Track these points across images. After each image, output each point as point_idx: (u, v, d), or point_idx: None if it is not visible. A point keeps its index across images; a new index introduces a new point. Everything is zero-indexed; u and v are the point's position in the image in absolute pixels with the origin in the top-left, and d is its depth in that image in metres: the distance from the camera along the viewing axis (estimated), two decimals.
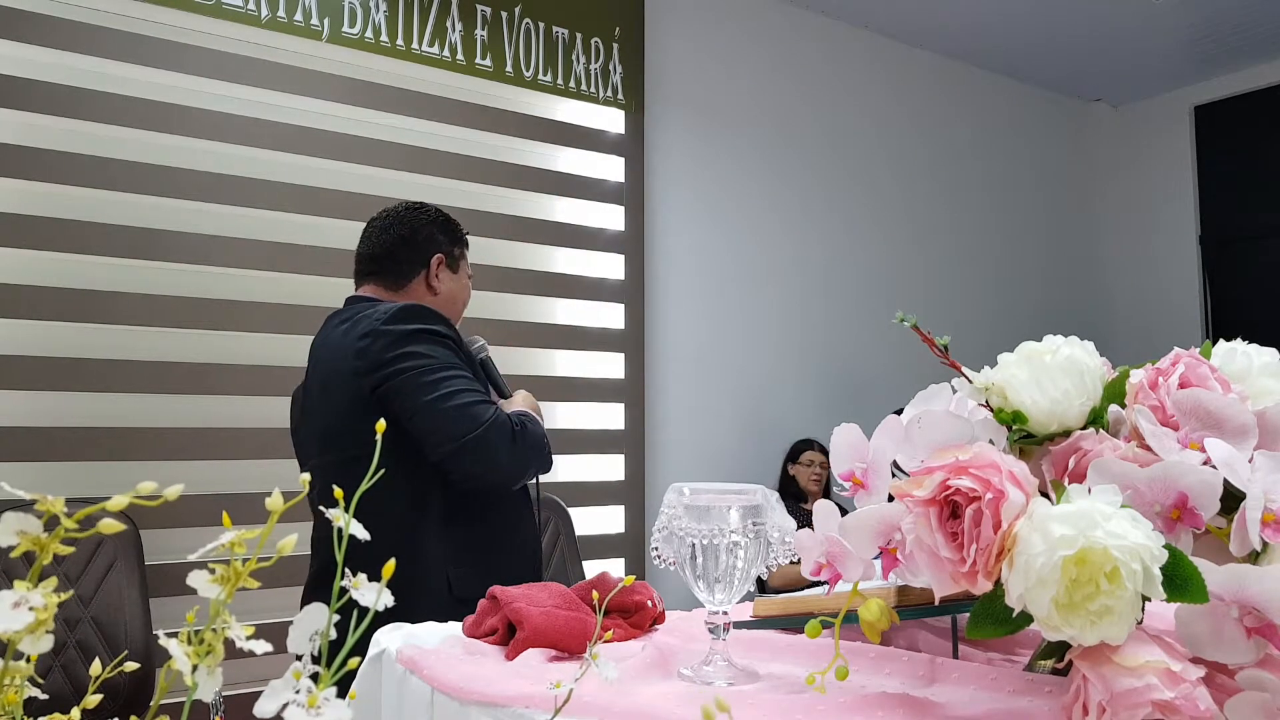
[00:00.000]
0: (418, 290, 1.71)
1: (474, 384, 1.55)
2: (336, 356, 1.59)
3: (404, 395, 1.51)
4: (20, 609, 0.35)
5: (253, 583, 0.41)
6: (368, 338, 1.54)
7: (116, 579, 2.18)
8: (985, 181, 4.60)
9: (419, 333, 1.54)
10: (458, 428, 1.48)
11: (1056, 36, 4.29)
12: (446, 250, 1.74)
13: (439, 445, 1.50)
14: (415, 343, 1.52)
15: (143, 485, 0.37)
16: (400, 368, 1.51)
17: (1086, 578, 0.60)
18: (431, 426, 1.50)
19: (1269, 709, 0.61)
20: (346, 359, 1.55)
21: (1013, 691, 0.75)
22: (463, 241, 1.79)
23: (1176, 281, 4.81)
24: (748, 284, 3.74)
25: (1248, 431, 0.70)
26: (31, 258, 2.35)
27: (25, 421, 2.31)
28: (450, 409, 1.49)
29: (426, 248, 1.72)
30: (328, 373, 1.61)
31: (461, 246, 1.78)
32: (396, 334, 1.52)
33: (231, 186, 2.60)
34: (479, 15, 3.07)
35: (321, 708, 0.38)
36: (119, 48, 2.47)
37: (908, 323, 0.81)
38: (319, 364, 1.66)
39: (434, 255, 1.72)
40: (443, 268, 1.73)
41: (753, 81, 3.82)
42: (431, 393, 1.50)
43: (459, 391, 1.50)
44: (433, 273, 1.71)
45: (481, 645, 1.03)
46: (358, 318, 1.59)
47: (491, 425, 1.49)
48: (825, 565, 0.79)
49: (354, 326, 1.58)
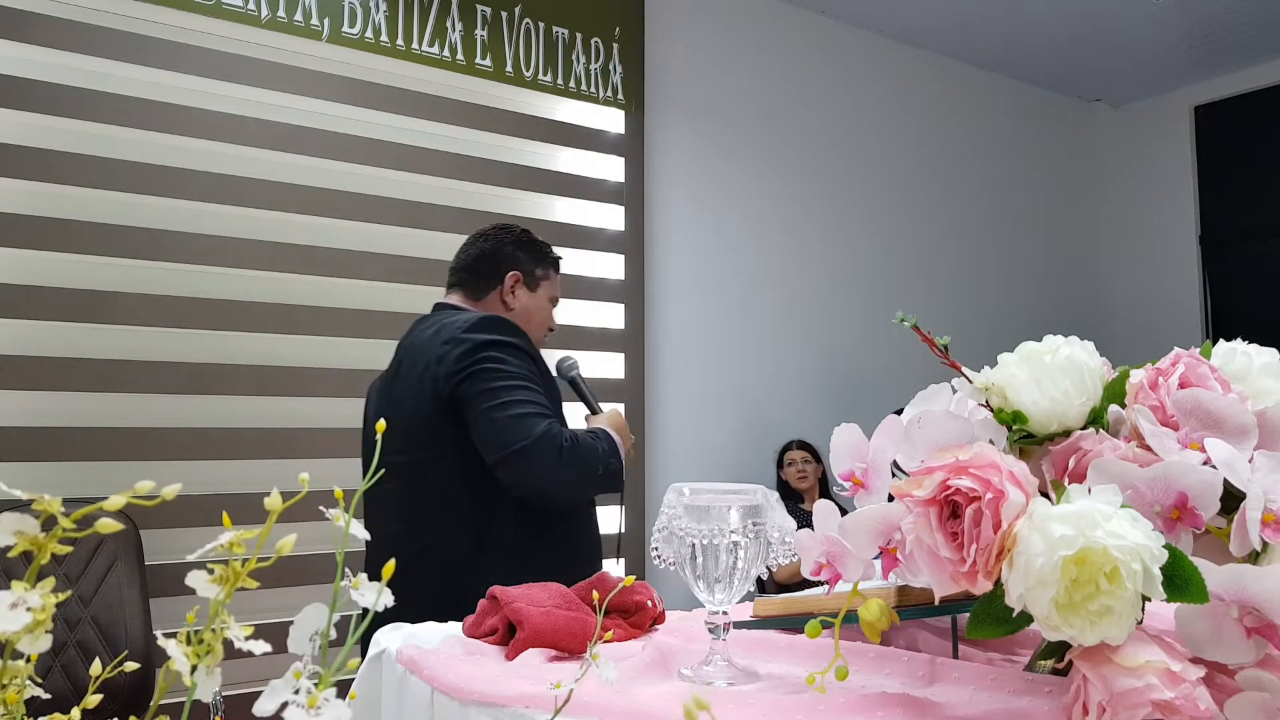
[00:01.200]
0: (493, 304, 1.79)
1: (537, 396, 1.58)
2: (421, 359, 1.66)
3: (470, 401, 1.57)
4: (18, 609, 0.35)
5: (252, 583, 0.41)
6: (448, 344, 1.61)
7: (116, 579, 2.18)
8: (985, 181, 4.60)
9: (494, 343, 1.60)
10: (506, 436, 1.53)
11: (1056, 36, 4.29)
12: (525, 269, 1.82)
13: (489, 452, 1.55)
14: (489, 350, 1.59)
15: (140, 485, 0.37)
16: (471, 373, 1.57)
17: (1086, 578, 0.60)
18: (485, 433, 1.55)
19: (1269, 709, 0.61)
20: (430, 363, 1.63)
21: (1013, 691, 0.75)
22: (547, 263, 1.86)
23: (1176, 281, 4.81)
24: (748, 284, 3.74)
25: (1248, 431, 0.70)
26: (32, 258, 2.35)
27: (25, 421, 2.31)
28: (503, 417, 1.54)
29: (504, 264, 1.80)
30: (414, 374, 1.67)
31: (546, 268, 1.85)
32: (473, 342, 1.60)
33: (231, 186, 2.60)
34: (479, 15, 3.07)
35: (321, 708, 0.38)
36: (119, 48, 2.47)
37: (908, 323, 0.81)
38: (406, 364, 1.72)
39: (510, 272, 1.80)
40: (519, 285, 1.81)
41: (753, 81, 3.82)
42: (491, 400, 1.55)
43: (516, 402, 1.55)
44: (507, 289, 1.80)
45: (481, 645, 1.03)
46: (444, 324, 1.68)
47: (540, 438, 1.52)
48: (825, 565, 0.79)
49: (439, 332, 1.66)
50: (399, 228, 2.86)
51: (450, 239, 2.97)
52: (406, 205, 2.88)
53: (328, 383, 2.70)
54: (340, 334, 2.74)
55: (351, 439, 2.67)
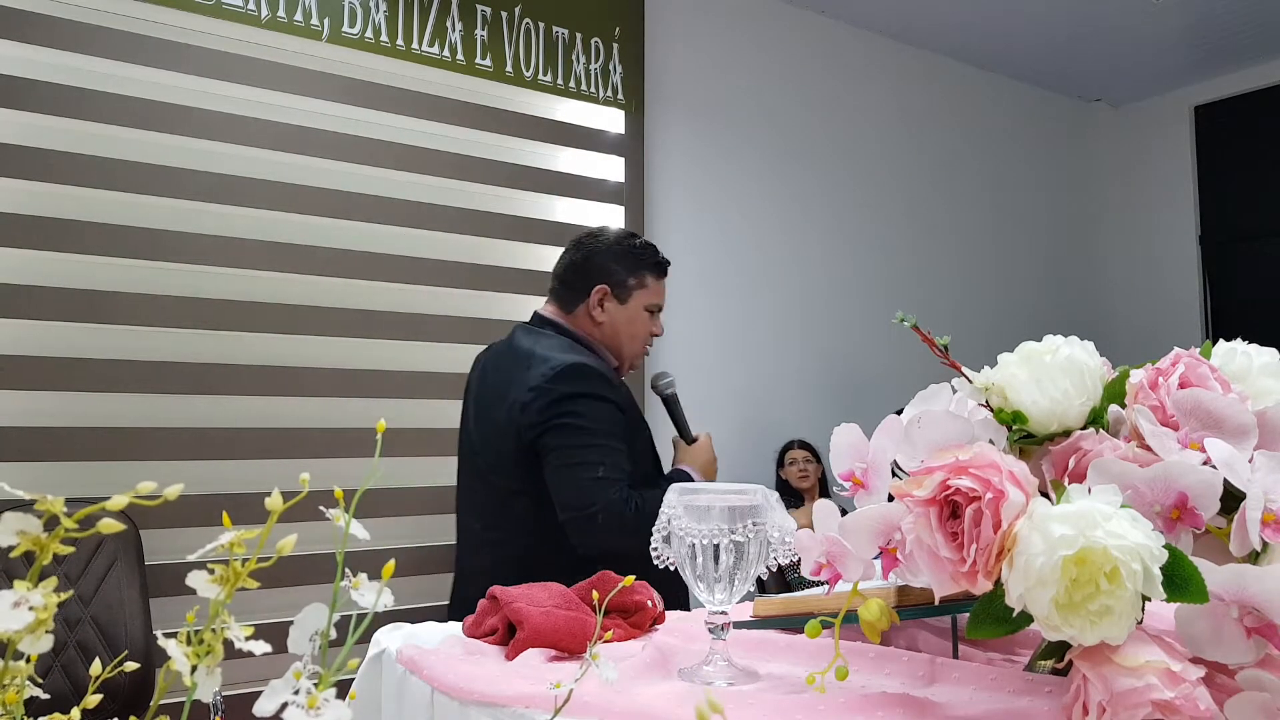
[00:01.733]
0: (582, 318, 1.76)
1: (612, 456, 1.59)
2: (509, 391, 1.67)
3: (548, 455, 1.60)
4: (20, 609, 0.35)
5: (252, 583, 0.41)
6: (533, 391, 1.62)
7: (116, 579, 2.18)
8: (985, 181, 4.60)
9: (577, 396, 1.60)
10: (574, 499, 1.56)
11: (1056, 36, 4.29)
12: (618, 281, 1.76)
13: (560, 510, 1.58)
14: (572, 404, 1.60)
15: (142, 485, 0.37)
16: (552, 426, 1.59)
17: (1086, 578, 0.60)
18: (556, 491, 1.58)
19: (1269, 709, 0.61)
20: (514, 406, 1.64)
21: (1013, 691, 0.75)
22: (643, 269, 1.78)
23: (1176, 281, 4.81)
24: (747, 284, 3.74)
25: (1248, 431, 0.70)
26: (32, 258, 2.35)
27: (25, 421, 2.31)
28: (574, 479, 1.56)
29: (594, 277, 1.76)
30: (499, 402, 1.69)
31: (641, 274, 1.78)
32: (556, 395, 1.60)
33: (231, 186, 2.60)
34: (479, 15, 3.07)
35: (321, 708, 0.38)
36: (119, 48, 2.47)
37: (908, 323, 0.81)
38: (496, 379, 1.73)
39: (597, 285, 1.75)
40: (608, 299, 1.76)
41: (753, 81, 3.82)
42: (567, 459, 1.58)
43: (590, 464, 1.57)
44: (594, 303, 1.75)
45: (481, 645, 1.03)
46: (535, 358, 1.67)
47: (605, 507, 1.54)
48: (825, 565, 0.79)
49: (530, 370, 1.66)
50: (399, 228, 2.86)
51: (450, 239, 2.99)
52: (406, 205, 2.88)
53: (328, 383, 2.70)
54: (340, 334, 2.74)
55: (351, 439, 2.68)
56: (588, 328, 1.75)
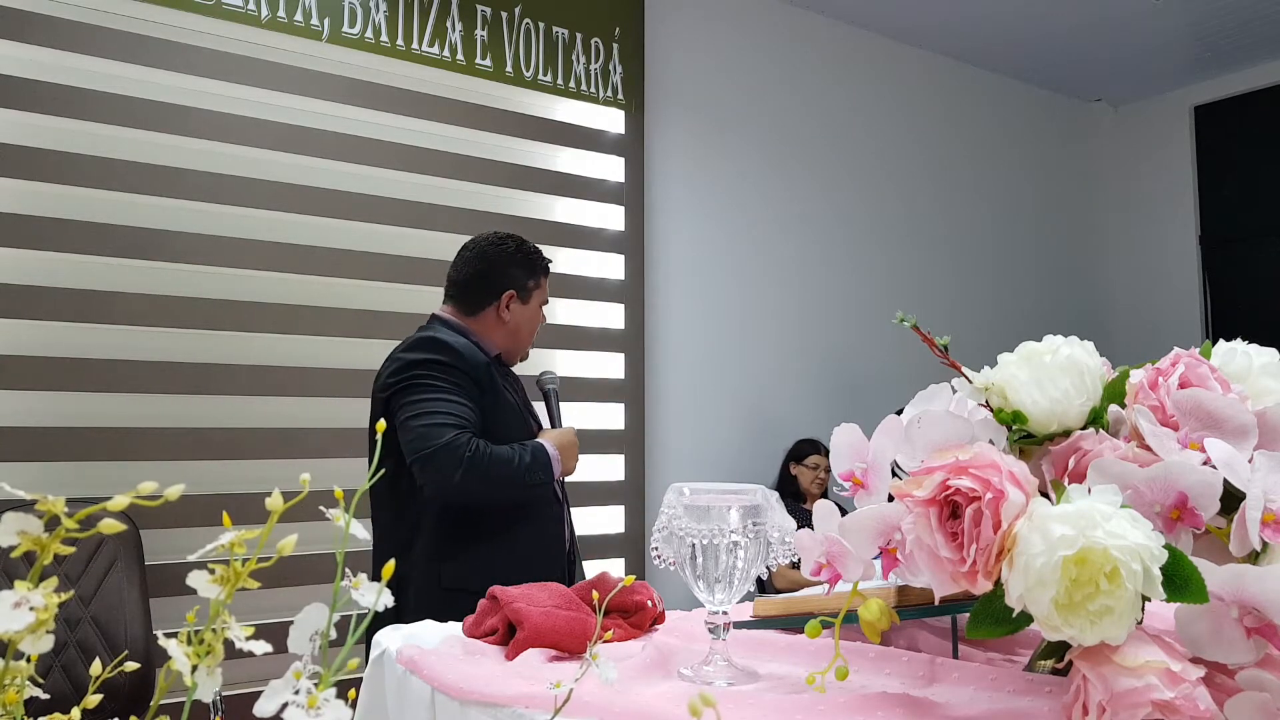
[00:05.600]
0: (488, 319, 1.89)
1: (456, 409, 1.71)
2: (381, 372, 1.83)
3: (397, 413, 1.72)
4: (21, 609, 0.35)
5: (252, 583, 0.41)
6: (387, 362, 1.80)
7: (116, 579, 2.18)
8: (985, 181, 4.60)
9: (423, 361, 1.74)
10: (416, 443, 1.67)
11: (1056, 36, 4.29)
12: (520, 285, 1.90)
13: (406, 456, 1.69)
14: (417, 368, 1.73)
15: (143, 485, 0.37)
16: (400, 387, 1.73)
17: (1086, 578, 0.60)
18: (402, 439, 1.69)
19: (1269, 709, 0.61)
20: (380, 376, 1.81)
21: (1013, 691, 0.75)
22: (539, 272, 1.95)
23: (1176, 281, 4.81)
24: (748, 284, 3.74)
25: (1248, 431, 0.70)
26: (32, 258, 2.35)
27: (25, 421, 2.31)
28: (415, 426, 1.68)
29: (500, 283, 1.89)
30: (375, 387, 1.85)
31: (538, 277, 1.95)
32: (404, 360, 1.76)
33: (231, 186, 2.60)
34: (479, 15, 3.07)
35: (321, 708, 0.38)
36: (119, 48, 2.47)
37: (908, 323, 0.81)
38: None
39: (506, 291, 1.89)
40: (514, 301, 1.90)
41: (753, 81, 3.82)
42: (408, 411, 1.70)
43: (431, 413, 1.69)
44: (503, 306, 1.89)
45: (481, 645, 1.03)
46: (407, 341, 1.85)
47: (444, 446, 1.65)
48: (825, 565, 0.79)
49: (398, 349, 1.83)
50: (399, 228, 2.86)
51: (450, 239, 2.97)
52: (406, 205, 2.88)
53: (328, 383, 2.70)
54: (340, 334, 2.74)
55: (351, 438, 2.68)
56: (491, 327, 1.88)
